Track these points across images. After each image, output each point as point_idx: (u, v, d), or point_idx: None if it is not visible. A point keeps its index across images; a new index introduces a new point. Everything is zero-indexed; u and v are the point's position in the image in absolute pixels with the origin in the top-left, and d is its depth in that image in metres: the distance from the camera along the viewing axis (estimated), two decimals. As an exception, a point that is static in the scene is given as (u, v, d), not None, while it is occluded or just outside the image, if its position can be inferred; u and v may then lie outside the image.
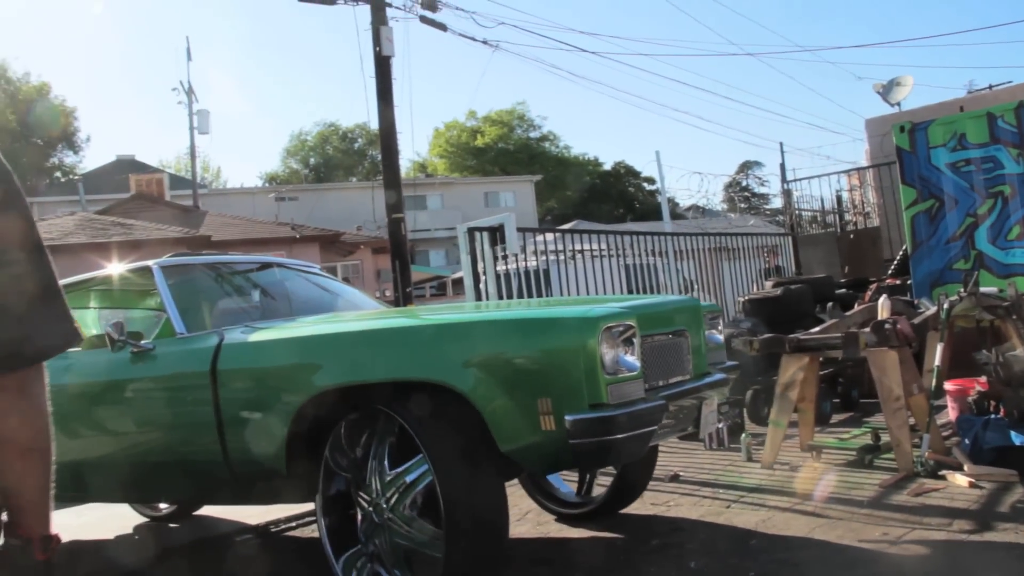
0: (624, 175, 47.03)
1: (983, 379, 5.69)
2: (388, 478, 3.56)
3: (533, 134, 48.39)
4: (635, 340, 3.47)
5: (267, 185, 49.32)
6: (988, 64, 68.43)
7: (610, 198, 47.48)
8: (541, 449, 3.35)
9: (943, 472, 5.04)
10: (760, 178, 50.88)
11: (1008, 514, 4.31)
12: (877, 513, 4.51)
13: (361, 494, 3.70)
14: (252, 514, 5.79)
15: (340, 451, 3.75)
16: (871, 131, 12.11)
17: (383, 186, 12.70)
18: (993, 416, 5.33)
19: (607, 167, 48.82)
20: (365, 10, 11.74)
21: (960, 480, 4.89)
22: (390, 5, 11.83)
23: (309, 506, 4.65)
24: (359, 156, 55.38)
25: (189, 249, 14.96)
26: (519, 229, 7.71)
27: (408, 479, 3.51)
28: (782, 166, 12.45)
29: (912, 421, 5.45)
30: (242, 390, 3.96)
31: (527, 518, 5.07)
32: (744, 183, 50.17)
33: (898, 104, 12.97)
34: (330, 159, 55.08)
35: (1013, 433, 5.02)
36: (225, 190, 47.51)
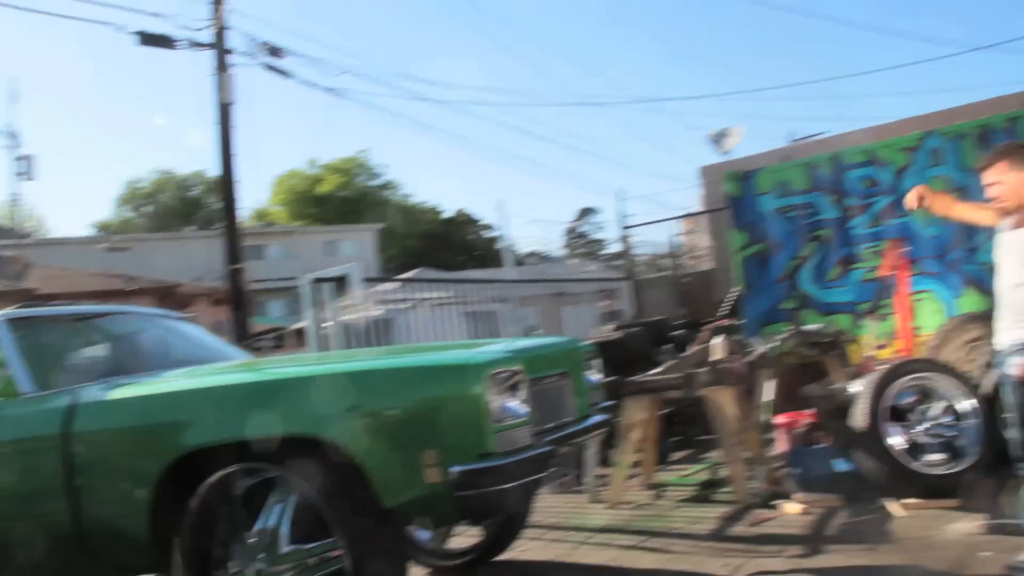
0: (465, 223, 47.50)
1: (811, 412, 6.01)
2: (285, 551, 3.30)
3: (375, 182, 48.28)
4: (521, 385, 3.35)
5: (99, 234, 47.21)
6: (809, 116, 72.88)
7: (451, 246, 47.69)
8: (427, 503, 3.20)
9: (777, 501, 5.31)
10: (598, 224, 52.35)
11: (836, 536, 4.61)
12: (718, 545, 4.72)
13: (236, 553, 3.42)
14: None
15: (213, 512, 3.46)
16: (705, 178, 12.63)
17: (223, 235, 12.43)
18: (820, 447, 5.65)
19: (448, 215, 49.18)
20: (207, 56, 11.55)
21: (792, 508, 5.17)
22: (231, 52, 11.67)
23: None
24: (196, 205, 53.73)
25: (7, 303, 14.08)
26: (364, 279, 7.70)
27: (310, 561, 3.29)
28: (621, 212, 12.82)
29: (748, 455, 5.71)
30: (100, 454, 3.63)
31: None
32: (582, 229, 51.51)
33: (729, 152, 13.64)
34: (166, 208, 53.23)
35: (837, 461, 5.34)
36: (52, 240, 45.13)
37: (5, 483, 3.85)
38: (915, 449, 5.17)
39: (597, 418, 4.27)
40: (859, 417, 5.09)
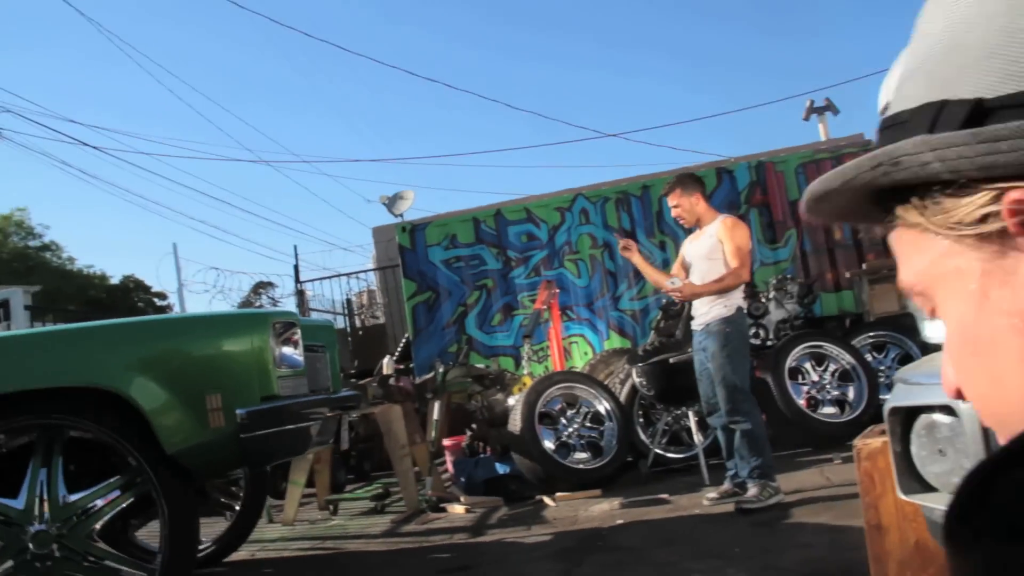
0: (134, 289, 44.85)
1: (471, 430, 6.53)
2: (65, 502, 3.16)
3: (33, 243, 44.59)
4: (298, 338, 3.51)
5: None
6: (465, 187, 76.94)
7: (117, 313, 44.91)
8: (209, 448, 3.22)
9: (444, 505, 5.71)
10: (274, 300, 51.54)
11: (495, 524, 5.07)
12: (390, 540, 5.02)
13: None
14: None
15: None
16: (377, 238, 13.11)
17: None
18: (482, 456, 6.15)
19: (115, 281, 46.33)
20: None
21: (458, 509, 5.59)
22: None
23: None
24: None
25: None
26: (27, 307, 7.33)
27: (99, 502, 3.18)
28: (295, 267, 12.98)
29: (417, 469, 6.07)
30: None
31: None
32: (258, 303, 50.50)
33: (401, 215, 14.18)
34: None
35: (498, 464, 5.84)
36: None
37: None
38: (564, 448, 5.80)
39: (349, 392, 4.57)
40: (517, 422, 5.63)
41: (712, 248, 4.79)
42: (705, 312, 4.76)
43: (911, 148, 0.47)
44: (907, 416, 1.81)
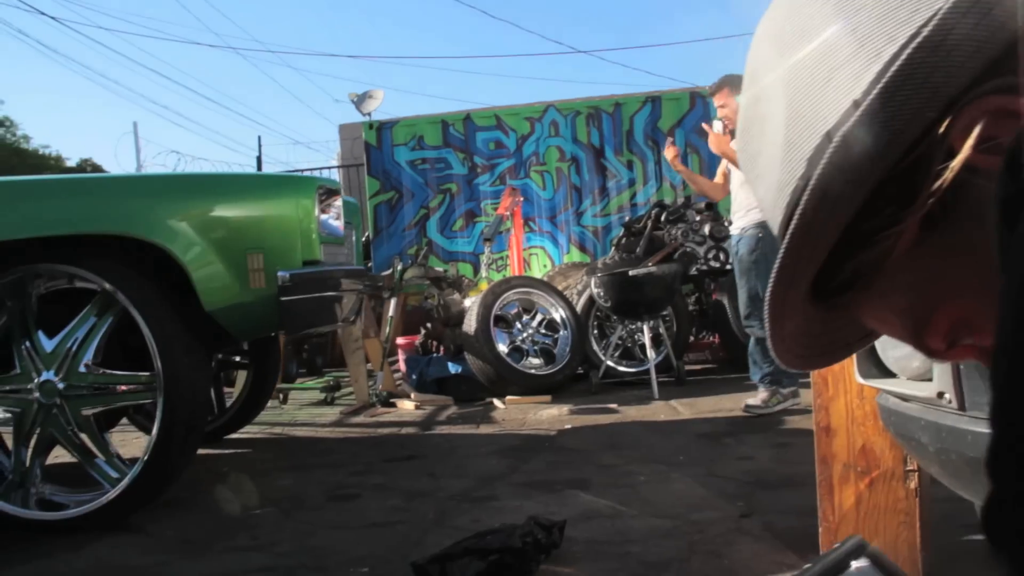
0: (91, 173, 43.97)
1: (426, 328, 6.53)
2: (86, 368, 3.04)
3: (-15, 118, 43.40)
4: (340, 206, 3.46)
5: None
6: (439, 94, 75.83)
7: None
8: (247, 309, 3.13)
9: (394, 401, 5.74)
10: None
11: (444, 421, 5.11)
12: (338, 430, 5.04)
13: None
14: None
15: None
16: (344, 135, 12.90)
17: None
18: (435, 355, 6.16)
19: (72, 163, 45.33)
20: None
21: (407, 405, 5.62)
22: None
23: None
24: None
25: None
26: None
27: (118, 388, 3.07)
28: (259, 159, 12.79)
29: (369, 366, 6.08)
30: None
31: None
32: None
33: (369, 114, 13.96)
34: None
35: (450, 364, 5.87)
36: None
37: None
38: (517, 352, 5.84)
39: (374, 273, 4.37)
40: (472, 323, 5.64)
41: None
42: (742, 217, 4.64)
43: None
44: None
